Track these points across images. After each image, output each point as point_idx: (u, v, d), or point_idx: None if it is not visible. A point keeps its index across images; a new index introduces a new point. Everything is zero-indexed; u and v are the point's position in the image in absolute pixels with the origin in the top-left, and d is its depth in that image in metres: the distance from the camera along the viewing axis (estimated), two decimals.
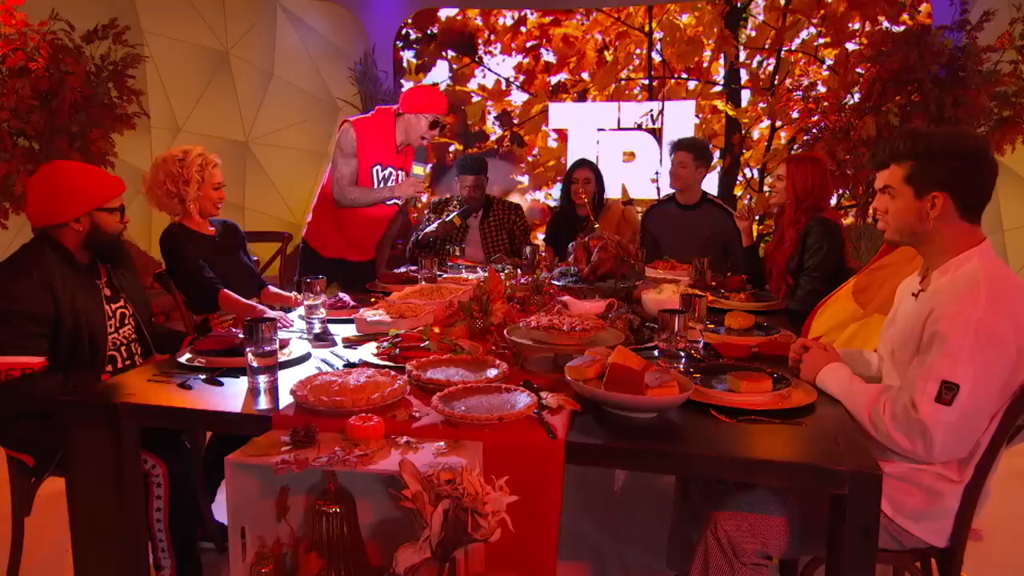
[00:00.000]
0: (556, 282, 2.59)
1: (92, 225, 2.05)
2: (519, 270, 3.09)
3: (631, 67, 6.35)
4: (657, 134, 6.32)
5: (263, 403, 1.64)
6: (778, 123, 6.07)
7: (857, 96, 4.87)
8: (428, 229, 3.77)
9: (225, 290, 2.56)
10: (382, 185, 3.21)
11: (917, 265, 1.78)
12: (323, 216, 3.37)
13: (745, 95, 6.16)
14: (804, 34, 5.89)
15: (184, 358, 1.94)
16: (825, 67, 5.85)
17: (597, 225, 3.18)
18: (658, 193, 6.26)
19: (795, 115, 5.69)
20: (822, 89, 5.61)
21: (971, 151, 1.58)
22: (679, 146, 3.62)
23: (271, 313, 2.49)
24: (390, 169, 3.23)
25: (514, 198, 6.11)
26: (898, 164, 1.63)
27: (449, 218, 3.78)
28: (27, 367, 1.90)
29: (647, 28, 6.26)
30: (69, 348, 2.00)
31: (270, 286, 2.93)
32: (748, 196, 6.23)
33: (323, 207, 3.35)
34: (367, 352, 2.00)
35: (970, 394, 1.45)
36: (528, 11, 6.40)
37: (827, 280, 2.73)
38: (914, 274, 1.75)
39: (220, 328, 2.48)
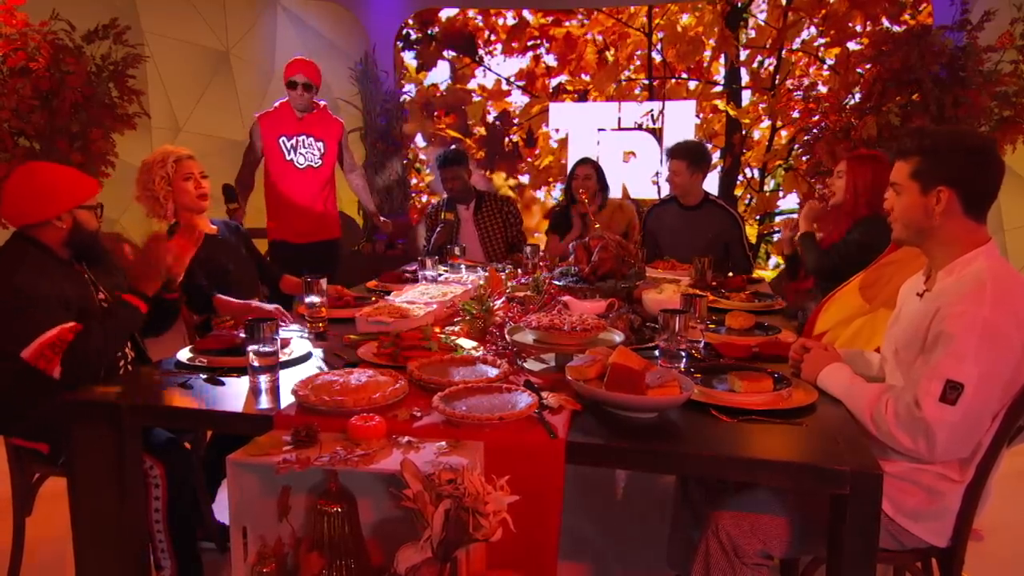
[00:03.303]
0: (557, 282, 2.59)
1: (74, 222, 2.06)
2: (519, 269, 3.10)
3: (632, 67, 6.34)
4: (658, 134, 6.32)
5: (264, 403, 1.64)
6: (779, 123, 6.07)
7: (858, 96, 4.87)
8: (434, 239, 3.85)
9: (219, 295, 2.55)
10: (294, 153, 3.69)
11: (924, 262, 1.78)
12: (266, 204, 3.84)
13: (746, 95, 6.16)
14: (805, 34, 5.89)
15: (185, 357, 1.95)
16: (826, 67, 5.85)
17: (597, 225, 3.18)
18: (659, 193, 6.26)
19: (796, 115, 5.69)
20: (823, 89, 5.61)
21: (977, 148, 1.58)
22: (673, 154, 3.61)
23: (268, 307, 2.51)
24: (296, 137, 3.68)
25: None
26: (904, 160, 1.63)
27: (442, 218, 3.88)
28: (65, 332, 1.90)
29: (647, 28, 6.26)
30: None
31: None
32: (749, 196, 6.23)
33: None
34: (368, 352, 2.00)
35: (974, 394, 1.45)
36: (527, 11, 6.39)
37: (833, 269, 2.73)
38: (918, 274, 1.76)
39: (221, 328, 2.48)
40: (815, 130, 4.98)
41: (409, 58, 6.68)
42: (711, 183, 6.06)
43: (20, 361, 1.88)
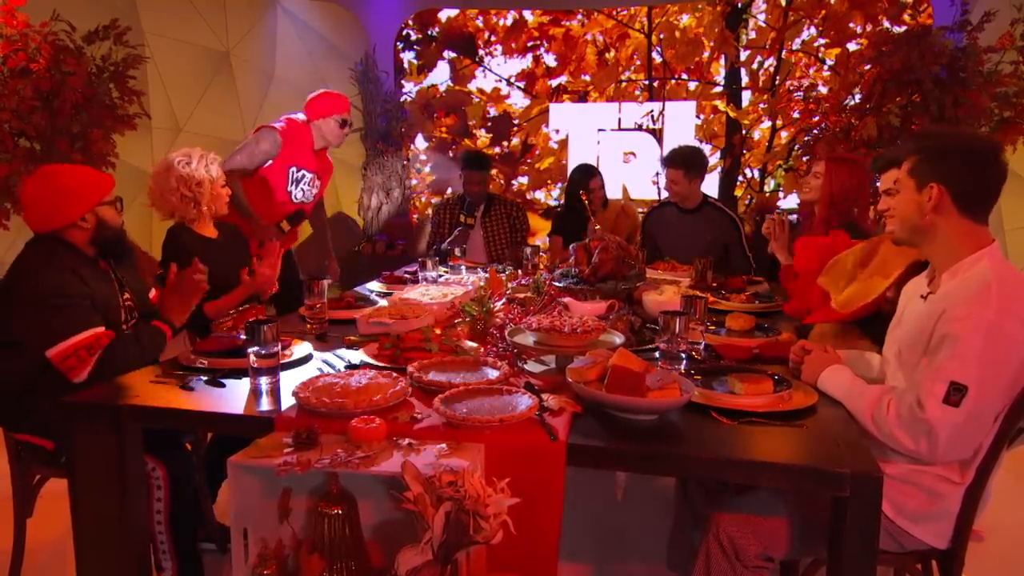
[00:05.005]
0: (557, 283, 2.59)
1: (98, 220, 2.08)
2: (520, 270, 3.10)
3: (632, 68, 6.34)
4: (658, 135, 6.32)
5: (265, 405, 1.64)
6: (779, 123, 6.07)
7: (858, 97, 4.87)
8: (448, 242, 3.87)
9: (207, 303, 2.51)
10: (295, 186, 3.35)
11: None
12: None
13: (746, 96, 6.16)
14: (805, 34, 5.89)
15: (186, 359, 1.95)
16: (826, 68, 5.85)
17: (598, 227, 3.18)
18: (658, 194, 6.26)
19: (796, 115, 5.69)
20: (823, 89, 5.61)
21: (972, 148, 1.60)
22: (669, 162, 3.60)
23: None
24: (304, 172, 3.37)
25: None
26: (908, 159, 1.66)
27: (463, 222, 3.89)
28: (101, 336, 1.94)
29: (647, 29, 6.26)
30: None
31: None
32: (749, 197, 6.23)
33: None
34: (369, 353, 2.00)
35: (977, 396, 1.45)
36: (527, 12, 6.39)
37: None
38: (922, 276, 1.76)
39: (221, 329, 2.48)
40: (815, 131, 4.99)
41: (409, 59, 6.68)
42: (711, 184, 6.06)
43: (36, 358, 1.89)
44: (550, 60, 6.48)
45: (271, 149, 3.23)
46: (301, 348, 2.05)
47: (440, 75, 6.67)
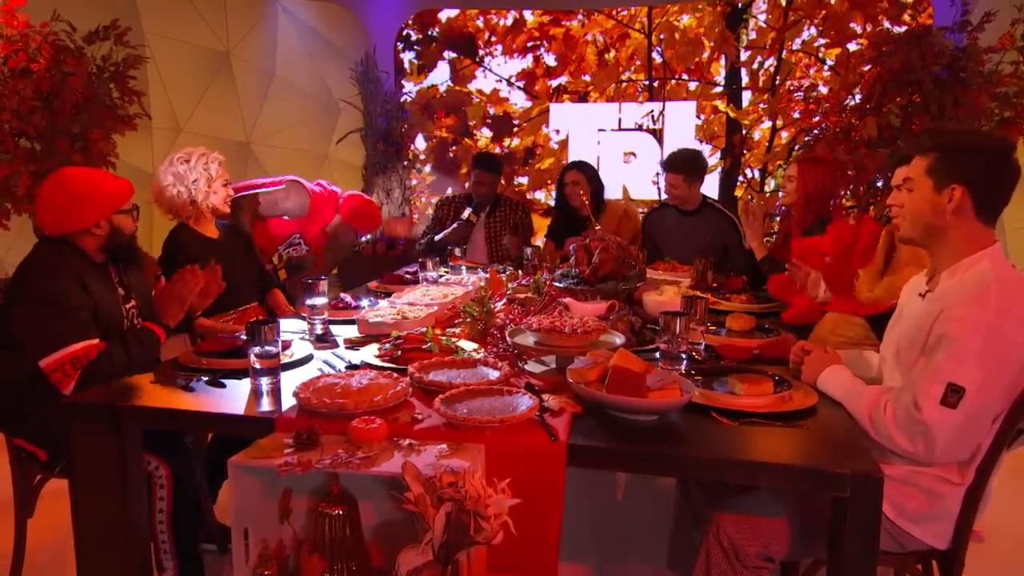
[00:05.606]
0: (557, 284, 2.59)
1: (111, 228, 2.07)
2: (520, 271, 3.10)
3: (632, 68, 6.34)
4: (658, 135, 6.32)
5: (265, 405, 1.64)
6: (779, 123, 6.06)
7: (858, 97, 4.87)
8: (446, 232, 3.84)
9: (202, 319, 2.47)
10: (287, 247, 3.42)
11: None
12: None
13: (746, 96, 6.15)
14: (805, 34, 5.89)
15: (187, 359, 1.95)
16: (826, 68, 5.85)
17: (598, 227, 3.17)
18: (659, 194, 6.26)
19: (796, 115, 5.68)
20: (823, 89, 5.61)
21: (995, 150, 1.58)
22: (669, 167, 3.60)
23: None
24: (302, 243, 3.43)
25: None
26: (922, 156, 1.62)
27: (465, 216, 3.88)
28: (91, 348, 1.93)
29: (647, 29, 6.26)
30: None
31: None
32: (750, 196, 6.23)
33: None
34: (369, 354, 2.00)
35: (976, 397, 1.44)
36: (527, 12, 6.39)
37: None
38: (921, 274, 1.76)
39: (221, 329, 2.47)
40: (816, 131, 4.98)
41: (409, 59, 6.68)
42: (711, 185, 6.06)
43: (35, 362, 1.89)
44: (550, 60, 6.48)
45: (295, 212, 3.26)
46: (301, 348, 2.06)
47: (440, 75, 6.67)
